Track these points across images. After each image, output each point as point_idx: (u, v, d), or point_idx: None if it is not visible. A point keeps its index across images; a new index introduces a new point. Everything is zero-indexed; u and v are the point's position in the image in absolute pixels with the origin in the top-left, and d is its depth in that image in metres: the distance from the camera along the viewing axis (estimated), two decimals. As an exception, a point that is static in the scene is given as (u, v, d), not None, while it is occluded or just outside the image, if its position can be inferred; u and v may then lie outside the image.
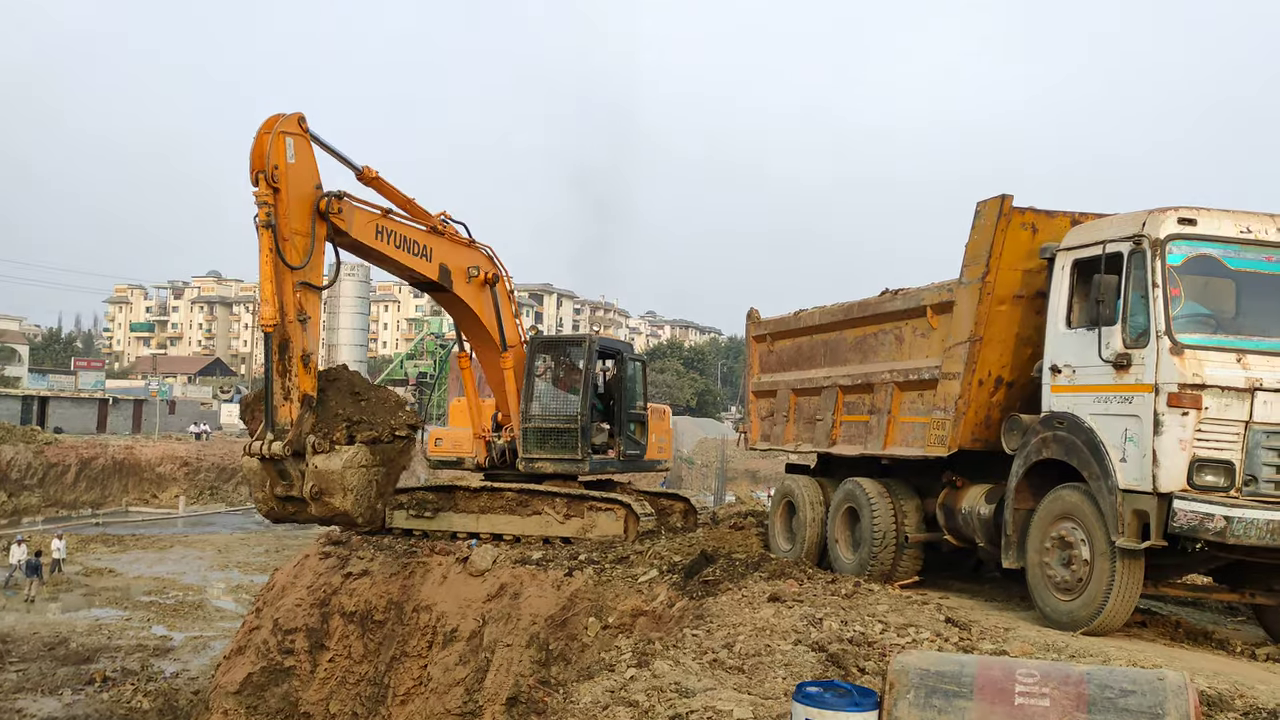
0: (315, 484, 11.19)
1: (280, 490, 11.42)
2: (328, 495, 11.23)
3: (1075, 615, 8.62)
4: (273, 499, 11.54)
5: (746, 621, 8.32)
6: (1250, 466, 7.96)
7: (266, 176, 10.66)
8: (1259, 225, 8.43)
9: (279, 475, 11.37)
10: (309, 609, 15.02)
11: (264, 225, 10.64)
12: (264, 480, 11.50)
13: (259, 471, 11.46)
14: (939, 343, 10.40)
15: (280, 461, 11.26)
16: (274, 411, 11.16)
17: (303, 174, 11.27)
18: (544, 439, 15.48)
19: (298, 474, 11.29)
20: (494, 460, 16.01)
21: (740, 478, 60.53)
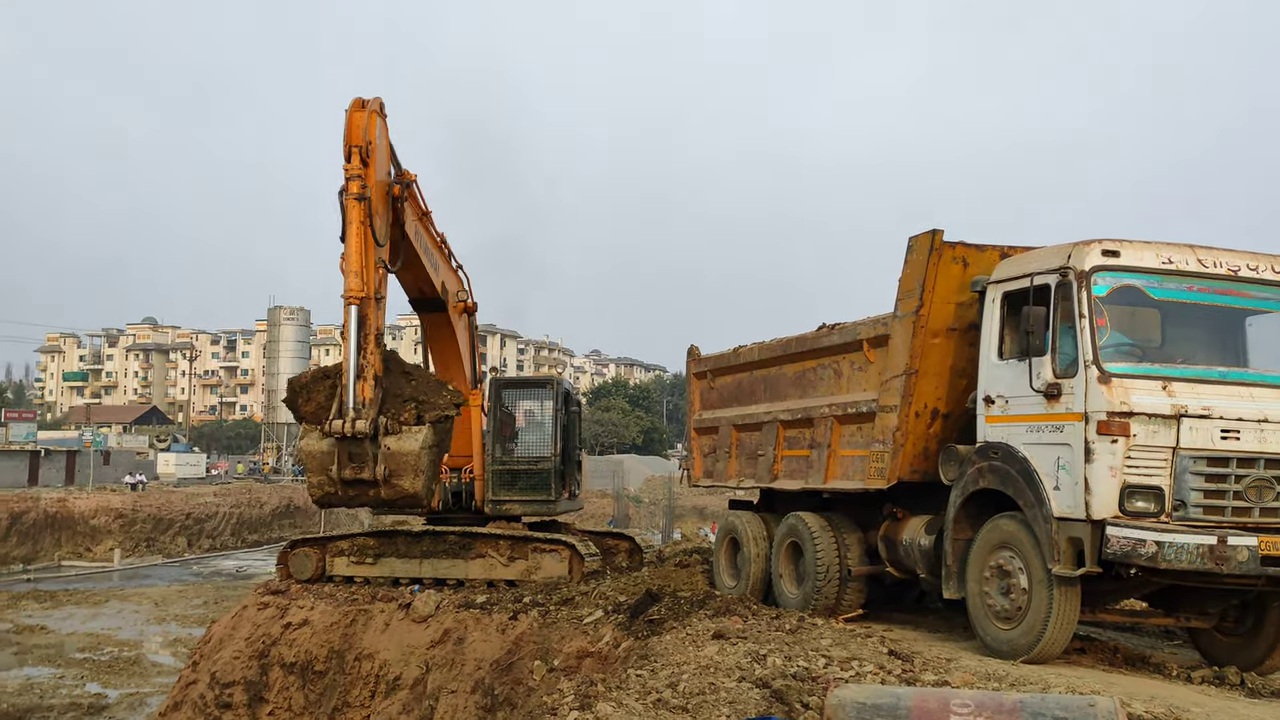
0: (388, 466, 10.97)
1: (349, 473, 11.06)
2: (398, 477, 11.06)
3: (1015, 643, 8.70)
4: (335, 482, 11.14)
5: (691, 660, 8.28)
6: (1179, 492, 8.12)
7: (361, 151, 10.78)
8: (1179, 256, 8.67)
9: (349, 457, 11.01)
10: (247, 661, 14.67)
11: (357, 198, 10.73)
12: (329, 462, 11.06)
13: (326, 453, 11.05)
14: (876, 376, 10.52)
15: (357, 442, 10.91)
16: (345, 390, 10.86)
17: (382, 156, 11.36)
18: (514, 480, 15.51)
19: (371, 455, 10.98)
20: (448, 503, 15.82)
21: (688, 515, 60.47)
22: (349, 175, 10.80)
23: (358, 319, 10.82)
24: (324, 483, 11.16)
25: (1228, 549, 7.91)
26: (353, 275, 10.67)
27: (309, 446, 11.19)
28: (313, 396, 11.25)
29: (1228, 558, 7.91)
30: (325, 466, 11.11)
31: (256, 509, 56.56)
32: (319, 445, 11.07)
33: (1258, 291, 8.80)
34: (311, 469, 11.27)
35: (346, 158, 10.80)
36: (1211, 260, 8.70)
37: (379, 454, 11.01)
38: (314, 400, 11.21)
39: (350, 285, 10.69)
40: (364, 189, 10.80)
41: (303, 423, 11.38)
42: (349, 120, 10.94)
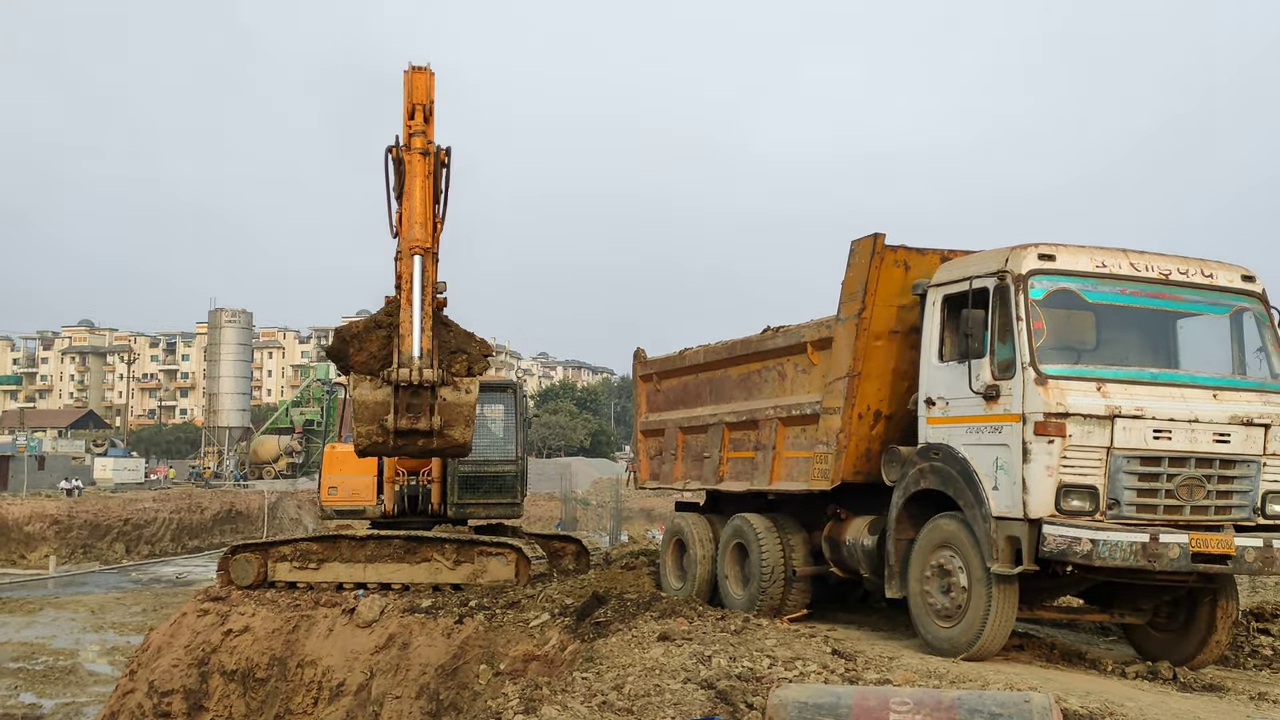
0: (443, 417, 11.05)
1: (405, 423, 11.04)
2: (450, 428, 11.15)
3: (956, 641, 8.83)
4: (387, 432, 11.08)
5: (636, 662, 8.30)
6: (1113, 490, 8.31)
7: (424, 109, 11.20)
8: (1113, 260, 8.87)
9: (407, 407, 11.00)
10: (186, 669, 14.43)
11: (422, 152, 11.13)
12: (384, 412, 11.00)
13: (381, 403, 10.96)
14: (820, 378, 10.62)
15: (415, 392, 10.90)
16: (406, 340, 10.89)
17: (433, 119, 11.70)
18: (478, 484, 15.61)
19: (428, 406, 11.02)
20: (404, 507, 15.72)
21: (636, 517, 60.49)
22: (412, 131, 11.16)
23: (420, 269, 11.01)
24: (374, 433, 11.09)
25: (1160, 546, 8.11)
26: (418, 226, 10.93)
27: (362, 396, 11.08)
28: (365, 346, 11.18)
29: (1160, 555, 8.11)
30: (379, 416, 11.06)
31: (197, 514, 55.57)
32: (373, 395, 11.01)
33: (1188, 295, 9.03)
34: (362, 419, 11.14)
35: (409, 115, 11.18)
36: (1144, 264, 8.92)
37: (435, 405, 11.10)
38: (366, 350, 11.15)
39: (416, 235, 10.92)
40: (429, 144, 11.19)
41: (351, 372, 11.25)
42: (412, 80, 11.29)
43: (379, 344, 11.10)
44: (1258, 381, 8.98)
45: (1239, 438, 8.54)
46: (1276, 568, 8.57)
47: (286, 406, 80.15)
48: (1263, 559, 8.44)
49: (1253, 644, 10.41)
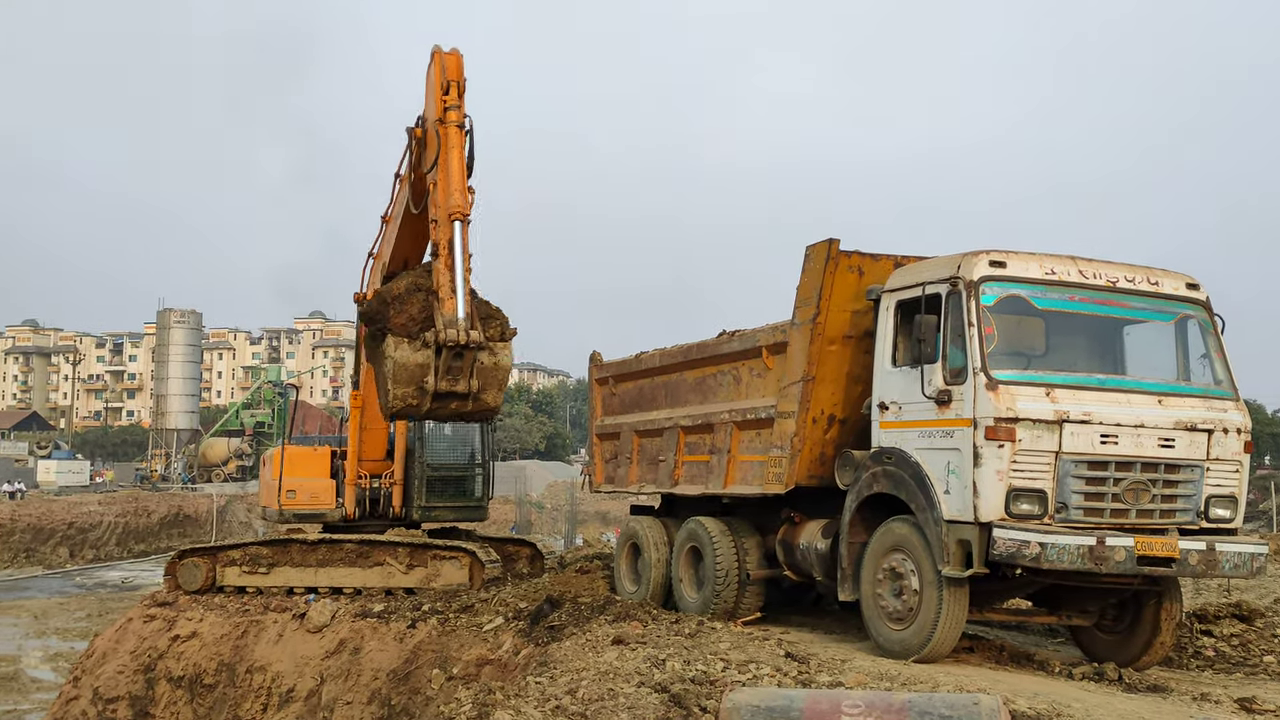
0: (480, 380, 11.18)
1: (445, 384, 11.06)
2: (485, 392, 11.27)
3: (907, 643, 8.91)
4: (424, 395, 11.07)
5: (590, 666, 8.28)
6: (1061, 494, 8.43)
7: (458, 85, 11.57)
8: (1062, 267, 9.01)
9: (447, 369, 11.04)
10: (132, 675, 14.21)
11: (459, 125, 11.47)
12: (424, 374, 10.99)
13: (422, 364, 10.95)
14: (775, 382, 10.68)
15: (457, 355, 10.97)
16: (449, 302, 10.99)
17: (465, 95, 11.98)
18: (444, 488, 15.73)
19: (469, 369, 11.11)
20: (365, 510, 15.57)
21: (591, 520, 60.40)
22: (448, 106, 11.54)
23: (460, 235, 11.20)
24: (410, 395, 11.07)
25: (1106, 549, 8.24)
26: (457, 193, 11.19)
27: (403, 358, 11.03)
28: (405, 308, 11.18)
29: (1106, 557, 8.24)
30: (418, 378, 11.04)
31: (144, 518, 54.61)
32: (414, 357, 11.01)
33: (1134, 302, 9.19)
34: (400, 380, 11.07)
35: (444, 91, 11.57)
36: (1092, 271, 9.06)
37: (474, 368, 11.21)
38: (406, 312, 11.16)
39: (456, 202, 11.15)
40: (464, 118, 11.58)
41: (389, 335, 11.20)
42: (445, 60, 11.68)
43: (419, 307, 11.16)
44: (1201, 388, 9.16)
45: (1183, 443, 8.70)
46: (1219, 570, 8.75)
47: (237, 408, 78.95)
48: (1205, 562, 8.61)
49: (1195, 645, 10.61)
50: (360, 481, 15.49)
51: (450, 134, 11.38)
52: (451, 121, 11.43)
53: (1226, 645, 10.62)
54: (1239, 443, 8.92)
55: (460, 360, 11.04)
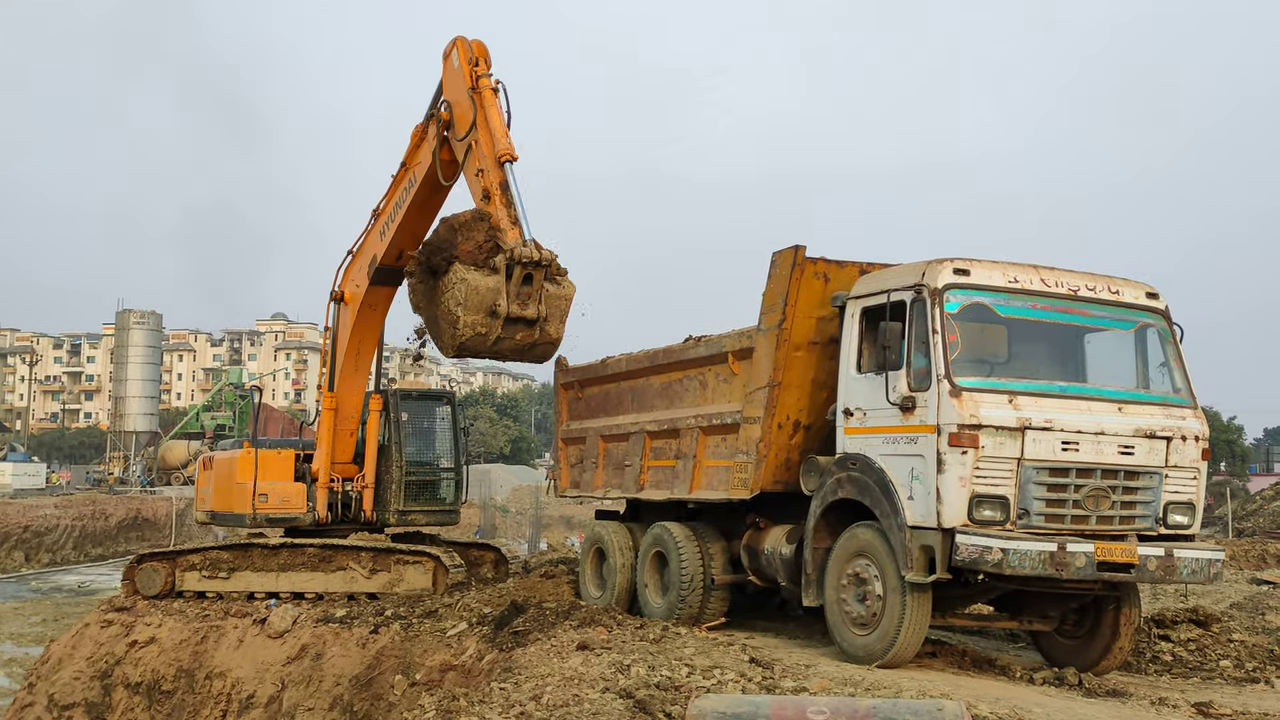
0: (546, 308, 11.28)
1: (516, 307, 11.08)
2: (549, 322, 11.31)
3: (871, 649, 8.95)
4: (497, 317, 11.04)
5: (555, 671, 8.25)
6: (1023, 500, 8.51)
7: (485, 59, 12.44)
8: (1024, 275, 9.10)
9: (516, 294, 11.10)
10: (89, 681, 13.99)
11: (494, 89, 12.21)
12: (496, 297, 10.98)
13: (493, 288, 10.96)
14: (740, 388, 10.70)
15: (526, 281, 11.07)
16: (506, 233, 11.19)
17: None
18: (420, 491, 15.70)
19: (537, 294, 11.18)
20: (337, 514, 15.41)
21: (555, 524, 60.23)
22: (479, 74, 12.27)
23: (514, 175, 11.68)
24: (479, 322, 11.03)
25: (1067, 555, 8.34)
26: (503, 139, 11.75)
27: (474, 281, 11.03)
28: (471, 235, 11.23)
29: (1067, 563, 8.33)
30: (489, 303, 11.04)
31: (101, 521, 53.85)
32: (485, 280, 11.05)
33: (1095, 310, 9.31)
34: (470, 307, 11.01)
35: (473, 64, 12.38)
36: (1054, 280, 9.16)
37: (541, 294, 11.31)
38: (473, 239, 11.20)
39: (504, 146, 11.70)
40: (496, 82, 12.21)
41: (455, 263, 11.18)
42: (470, 43, 12.53)
43: (484, 234, 11.25)
44: (1160, 395, 9.29)
45: (1142, 450, 8.82)
46: (1177, 576, 8.86)
47: (197, 411, 78.06)
48: (1164, 568, 8.72)
49: (1154, 650, 10.75)
50: (332, 485, 15.34)
51: (485, 95, 12.10)
52: (485, 86, 12.18)
53: (1184, 650, 10.77)
54: (1197, 450, 9.06)
55: (529, 285, 11.17)
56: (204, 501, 16.60)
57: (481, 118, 12.04)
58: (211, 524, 17.45)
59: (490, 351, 11.50)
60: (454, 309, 11.02)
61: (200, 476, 17.09)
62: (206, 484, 16.60)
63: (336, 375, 15.06)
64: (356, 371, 15.34)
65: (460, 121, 12.26)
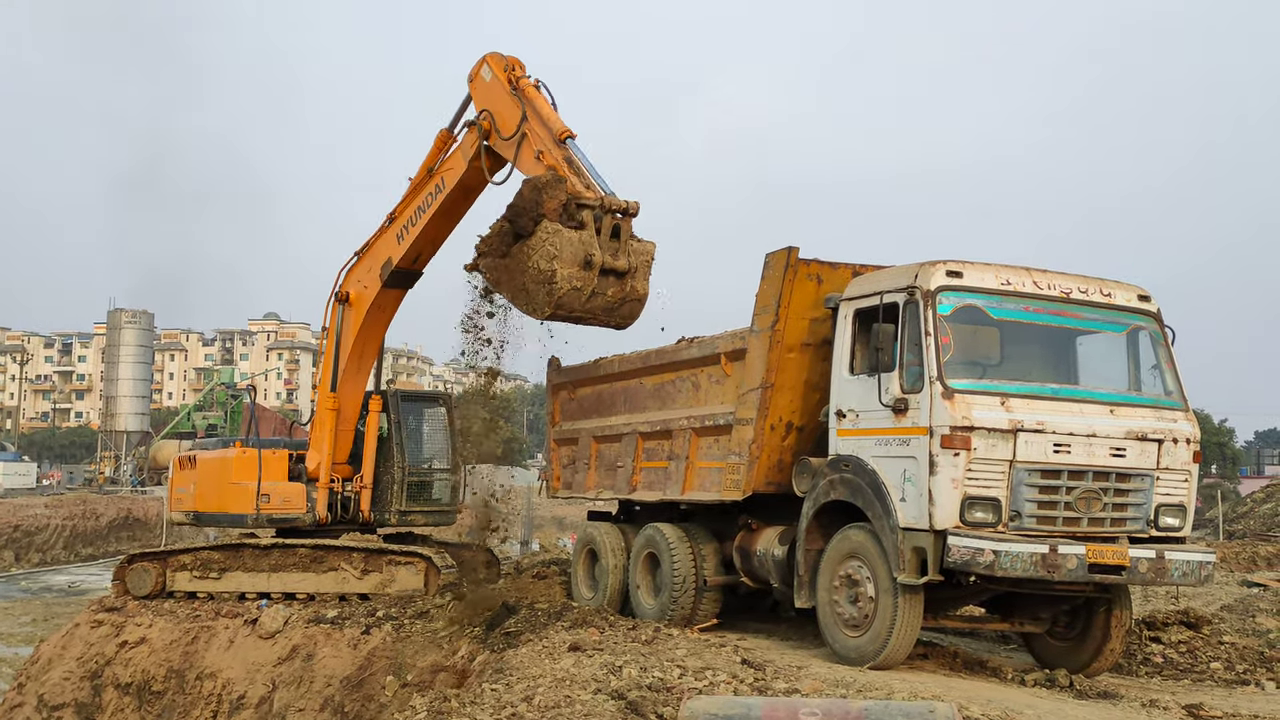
0: (634, 262, 11.30)
1: (608, 259, 11.10)
2: (635, 277, 11.35)
3: (863, 650, 8.96)
4: (592, 267, 11.00)
5: (547, 673, 8.24)
6: (1015, 503, 8.52)
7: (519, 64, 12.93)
8: (1017, 278, 9.12)
9: (605, 247, 11.17)
10: (78, 682, 13.94)
11: (535, 86, 12.66)
12: (587, 249, 10.98)
13: (586, 240, 11.02)
14: (733, 389, 10.70)
15: (616, 232, 11.20)
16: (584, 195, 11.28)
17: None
18: (421, 491, 15.74)
19: (625, 244, 11.27)
20: (336, 515, 15.38)
21: (547, 525, 60.21)
22: (519, 76, 12.74)
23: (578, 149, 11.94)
24: (574, 275, 10.97)
25: (1059, 557, 8.35)
26: (557, 121, 12.06)
27: (567, 233, 11.05)
28: (555, 194, 11.24)
29: (1058, 565, 8.35)
30: (582, 254, 11.00)
31: (92, 521, 53.66)
32: (577, 234, 11.10)
33: (1087, 313, 9.33)
34: (565, 259, 10.94)
35: (510, 70, 12.84)
36: (1046, 283, 9.18)
37: (628, 247, 11.38)
38: (556, 198, 11.20)
39: (560, 126, 11.97)
40: (535, 80, 12.67)
41: (542, 221, 11.17)
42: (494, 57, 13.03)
43: (566, 195, 11.29)
44: (1152, 398, 9.31)
45: (1134, 452, 8.84)
46: (1168, 578, 8.89)
47: (189, 410, 77.82)
48: (1155, 570, 8.74)
49: (1145, 652, 10.77)
50: (332, 485, 15.33)
51: (528, 91, 12.54)
52: (525, 85, 12.64)
53: (1174, 652, 10.79)
54: (1188, 452, 9.08)
55: (616, 240, 11.26)
56: (183, 501, 16.22)
57: (530, 110, 12.29)
58: (194, 525, 17.08)
59: (584, 309, 11.36)
60: (546, 266, 10.90)
61: (178, 476, 16.69)
62: (186, 483, 16.26)
63: (339, 376, 15.06)
64: (359, 372, 15.40)
65: (506, 123, 12.41)
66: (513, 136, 12.23)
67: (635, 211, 11.40)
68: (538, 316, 11.42)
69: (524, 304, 11.31)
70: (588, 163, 11.72)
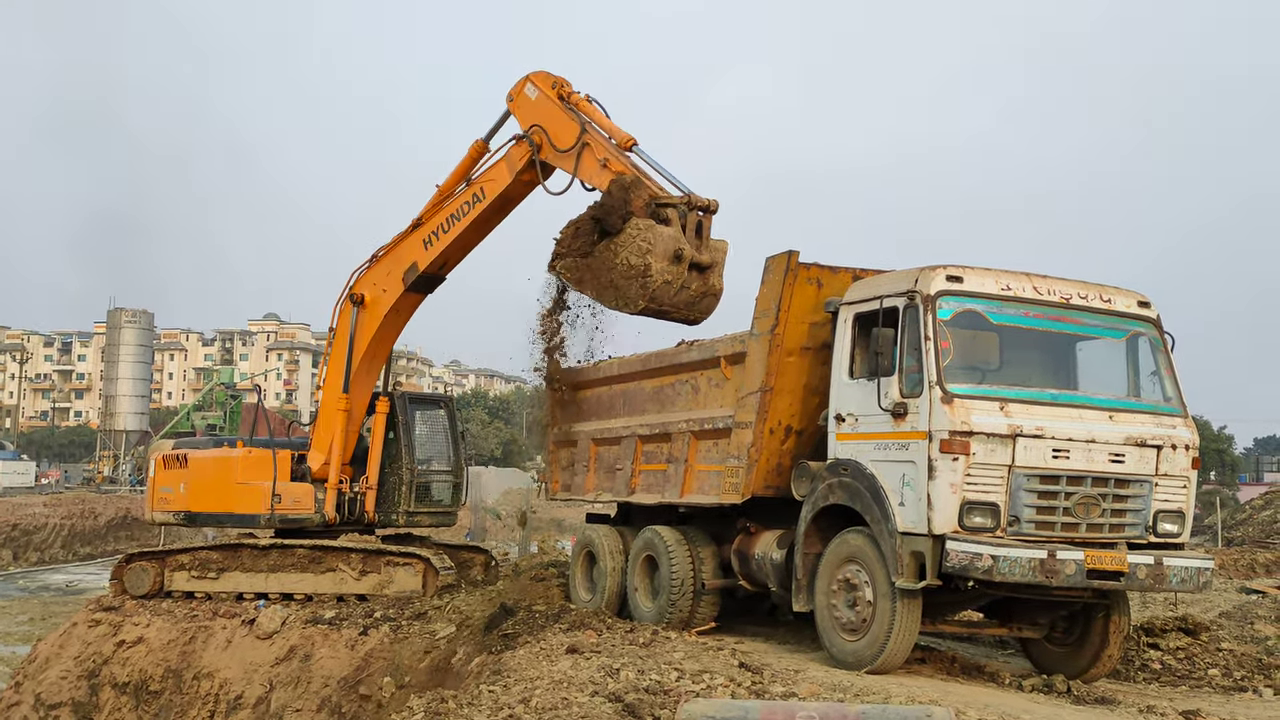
0: (715, 258, 11.45)
1: (694, 254, 11.24)
2: (714, 272, 11.44)
3: (861, 655, 8.96)
4: (683, 260, 11.10)
5: (544, 675, 8.24)
6: (1014, 508, 8.52)
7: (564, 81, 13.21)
8: (1017, 283, 9.12)
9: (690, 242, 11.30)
10: (76, 681, 13.94)
11: (587, 100, 12.98)
12: (677, 243, 11.08)
13: (674, 235, 11.14)
14: (733, 392, 10.70)
15: (699, 229, 11.34)
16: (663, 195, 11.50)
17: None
18: (427, 492, 15.91)
19: (706, 239, 11.41)
20: (344, 515, 15.40)
21: (546, 527, 60.18)
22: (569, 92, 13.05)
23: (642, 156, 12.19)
24: (667, 270, 11.10)
25: (1057, 562, 8.35)
26: (619, 132, 12.33)
27: (659, 229, 11.18)
28: (639, 193, 11.49)
29: (1057, 571, 8.34)
30: (673, 248, 11.13)
31: (90, 520, 53.65)
32: (666, 229, 11.24)
33: (1087, 319, 9.33)
34: (658, 253, 11.08)
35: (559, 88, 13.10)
36: (1046, 288, 9.18)
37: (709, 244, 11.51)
38: (640, 197, 11.44)
39: (624, 135, 12.23)
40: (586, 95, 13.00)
41: (631, 218, 11.33)
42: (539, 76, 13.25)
43: (649, 194, 11.53)
44: (1151, 404, 9.31)
45: (1133, 458, 8.84)
46: (1166, 584, 8.88)
47: (188, 410, 77.77)
48: (1153, 576, 8.74)
49: (1143, 658, 10.77)
50: (341, 486, 15.36)
51: (583, 106, 12.87)
52: (578, 100, 12.97)
53: (1172, 658, 10.79)
54: (1187, 459, 9.08)
55: (699, 236, 11.39)
56: (169, 501, 15.88)
57: (589, 122, 12.54)
58: (184, 525, 16.75)
59: (670, 302, 11.46)
60: (638, 261, 11.03)
61: (162, 475, 16.24)
62: (174, 482, 15.93)
63: (351, 377, 15.12)
64: (369, 374, 15.50)
65: (561, 136, 12.62)
66: (572, 148, 12.43)
67: (716, 209, 11.54)
68: (629, 311, 11.46)
69: (613, 300, 11.35)
70: (658, 165, 12.00)
